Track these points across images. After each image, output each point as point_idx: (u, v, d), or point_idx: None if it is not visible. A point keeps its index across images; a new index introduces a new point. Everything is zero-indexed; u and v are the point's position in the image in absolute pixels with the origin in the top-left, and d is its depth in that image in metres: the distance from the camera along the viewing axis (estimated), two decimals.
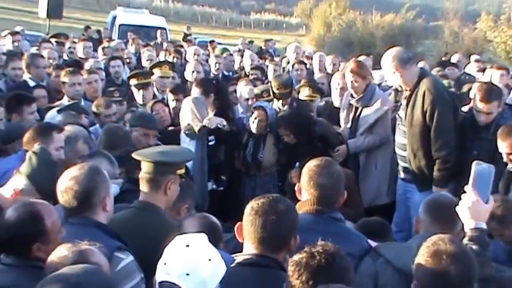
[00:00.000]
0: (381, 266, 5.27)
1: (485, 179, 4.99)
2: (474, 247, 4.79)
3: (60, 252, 4.41)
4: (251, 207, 4.82)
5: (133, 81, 11.75)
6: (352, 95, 10.10)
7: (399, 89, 9.35)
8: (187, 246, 4.09)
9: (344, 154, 9.81)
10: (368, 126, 9.93)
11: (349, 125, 10.19)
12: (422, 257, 4.29)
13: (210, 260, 4.07)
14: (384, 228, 6.98)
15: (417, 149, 8.90)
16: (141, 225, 5.67)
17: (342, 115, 10.42)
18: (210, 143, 10.03)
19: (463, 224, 5.29)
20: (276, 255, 4.76)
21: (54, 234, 4.84)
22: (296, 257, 4.20)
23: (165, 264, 4.05)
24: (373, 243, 5.88)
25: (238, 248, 4.98)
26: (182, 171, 6.25)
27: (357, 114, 10.10)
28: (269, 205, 4.77)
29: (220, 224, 5.90)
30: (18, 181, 6.04)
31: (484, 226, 4.90)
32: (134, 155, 6.22)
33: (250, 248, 4.80)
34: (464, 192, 5.03)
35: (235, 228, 4.96)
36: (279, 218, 4.72)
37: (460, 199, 5.08)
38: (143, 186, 6.03)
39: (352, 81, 9.91)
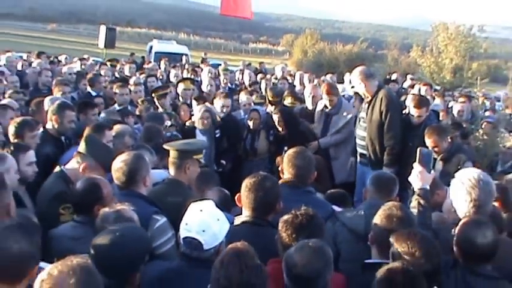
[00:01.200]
0: (338, 228, 5.33)
1: (427, 157, 5.37)
2: (421, 201, 5.03)
3: (104, 212, 4.55)
4: (245, 184, 5.03)
5: (154, 94, 11.71)
6: (326, 106, 10.33)
7: (363, 96, 9.42)
8: (201, 210, 4.18)
9: (315, 148, 9.92)
10: (337, 128, 10.23)
11: (321, 127, 10.42)
12: (379, 217, 4.47)
13: (218, 219, 4.18)
14: (345, 197, 7.02)
15: (374, 139, 9.20)
16: (170, 195, 5.71)
17: (316, 119, 10.56)
18: (216, 136, 10.11)
19: (397, 194, 5.47)
20: (266, 217, 4.96)
21: (109, 200, 5.03)
22: (285, 217, 4.42)
23: (186, 224, 4.14)
24: (337, 209, 5.99)
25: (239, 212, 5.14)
26: (199, 156, 6.29)
27: (328, 119, 10.39)
28: (258, 183, 4.96)
29: None
30: (81, 159, 6.07)
31: (427, 187, 5.16)
32: (164, 146, 6.35)
33: (246, 213, 5.01)
34: (406, 171, 5.40)
35: (236, 197, 5.15)
36: (266, 192, 4.93)
37: (400, 177, 5.38)
38: (171, 168, 6.14)
39: (328, 100, 10.25)
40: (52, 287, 2.94)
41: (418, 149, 5.45)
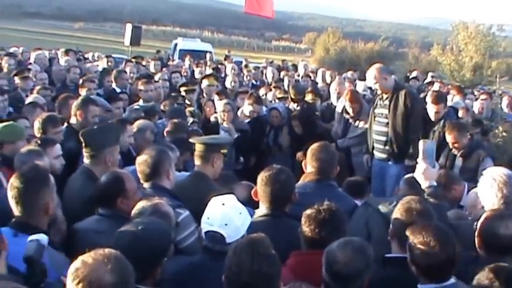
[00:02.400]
0: (370, 213, 5.30)
1: (430, 151, 5.33)
2: (432, 200, 4.99)
3: (140, 205, 4.53)
4: (261, 178, 5.06)
5: (183, 88, 11.88)
6: (347, 112, 10.33)
7: (379, 92, 9.36)
8: (223, 204, 4.19)
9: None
10: (356, 134, 10.22)
11: (341, 128, 10.48)
12: (398, 211, 4.41)
13: (240, 213, 4.20)
14: (364, 186, 7.09)
15: (399, 134, 9.13)
16: (195, 189, 5.71)
17: (336, 120, 10.64)
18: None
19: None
20: (283, 209, 5.01)
21: (132, 193, 5.03)
22: (308, 212, 4.38)
23: (208, 218, 4.15)
24: (358, 202, 5.99)
25: None
26: (224, 151, 6.34)
27: (348, 124, 10.42)
28: (274, 176, 4.99)
29: None
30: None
31: (435, 184, 5.17)
32: (191, 140, 6.43)
33: (263, 207, 5.05)
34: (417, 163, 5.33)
35: (252, 192, 5.20)
36: (281, 185, 4.96)
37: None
38: (197, 161, 6.17)
39: (350, 108, 10.24)
40: (88, 275, 2.93)
41: (421, 142, 5.44)
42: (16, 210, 4.28)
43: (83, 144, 6.12)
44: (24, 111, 8.66)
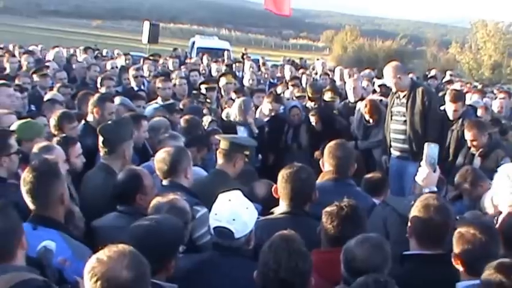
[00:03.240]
0: (388, 212, 5.30)
1: (433, 155, 5.21)
2: None
3: (156, 201, 4.57)
4: (282, 175, 5.07)
5: (203, 86, 11.92)
6: (367, 121, 10.25)
7: (394, 90, 9.31)
8: (230, 200, 4.22)
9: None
10: (377, 140, 10.06)
11: (361, 134, 10.39)
12: (416, 208, 4.38)
13: (247, 208, 4.23)
14: (382, 183, 7.03)
15: (417, 131, 9.03)
16: (215, 187, 5.73)
17: (355, 126, 10.53)
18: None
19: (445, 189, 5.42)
20: (303, 207, 5.02)
21: (149, 189, 5.10)
22: (328, 209, 4.40)
23: (215, 214, 4.17)
24: (376, 201, 6.04)
25: None
26: (247, 153, 6.37)
27: (368, 131, 10.35)
28: (295, 174, 5.00)
29: None
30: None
31: (435, 189, 5.10)
32: (217, 136, 6.61)
33: (284, 204, 5.03)
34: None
35: (273, 189, 5.20)
36: (302, 183, 4.97)
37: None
38: (220, 159, 6.24)
39: (370, 118, 10.16)
40: (105, 272, 2.95)
41: (426, 145, 5.36)
42: (31, 205, 4.31)
43: (100, 140, 6.16)
44: (44, 108, 8.72)
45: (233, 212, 4.11)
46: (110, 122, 6.57)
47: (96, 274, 2.96)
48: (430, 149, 5.28)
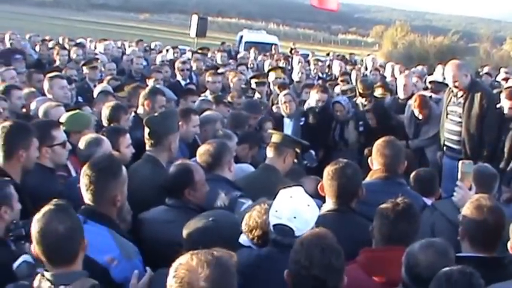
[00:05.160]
0: (437, 218, 5.24)
1: (469, 174, 5.21)
2: None
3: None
4: (327, 172, 5.03)
5: (253, 80, 11.94)
6: (417, 117, 10.09)
7: (454, 89, 9.14)
8: (291, 197, 4.15)
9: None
10: (428, 137, 10.01)
11: (411, 132, 10.24)
12: (468, 209, 4.29)
13: (308, 205, 4.15)
14: (433, 182, 6.93)
15: (473, 134, 8.95)
16: (264, 180, 5.72)
17: (406, 124, 10.36)
18: (300, 123, 10.17)
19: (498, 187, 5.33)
20: (349, 204, 4.99)
21: (200, 185, 5.08)
22: (383, 206, 4.35)
23: (276, 211, 4.10)
24: (427, 201, 5.99)
25: None
26: (298, 150, 6.38)
27: (418, 128, 10.20)
28: (340, 170, 4.96)
29: None
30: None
31: None
32: (269, 131, 6.67)
33: (330, 201, 5.01)
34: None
35: (319, 186, 5.15)
36: (348, 180, 4.94)
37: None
38: (270, 152, 6.22)
39: (419, 114, 9.97)
40: (185, 273, 2.96)
41: (460, 163, 5.32)
42: (86, 198, 4.33)
43: (146, 132, 6.21)
44: (96, 100, 8.82)
45: (294, 210, 4.06)
46: (156, 114, 6.60)
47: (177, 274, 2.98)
48: (465, 167, 5.25)
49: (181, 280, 2.94)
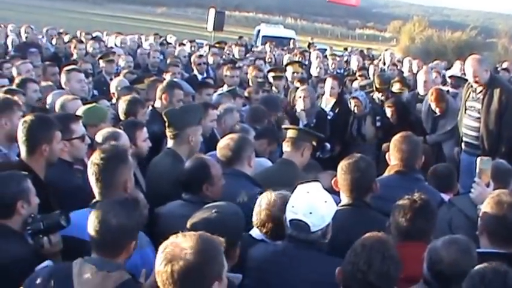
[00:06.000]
0: (454, 214, 5.22)
1: (486, 170, 5.17)
2: None
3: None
4: (341, 167, 5.04)
5: (271, 74, 11.90)
6: (433, 111, 10.10)
7: (474, 85, 9.05)
8: (308, 192, 4.13)
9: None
10: (444, 131, 10.03)
11: (429, 127, 10.25)
12: (488, 205, 4.26)
13: (325, 201, 4.13)
14: (451, 177, 6.92)
15: (492, 130, 8.88)
16: (281, 175, 5.72)
17: (423, 119, 10.37)
18: (311, 124, 9.99)
19: None
20: (363, 198, 4.98)
21: (217, 180, 5.08)
22: (400, 202, 4.37)
23: (292, 206, 4.09)
24: (445, 197, 5.99)
25: None
26: (314, 143, 6.38)
27: (435, 122, 10.22)
28: (354, 164, 4.96)
29: None
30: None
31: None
32: (284, 126, 6.58)
33: (345, 196, 5.02)
34: None
35: (333, 182, 5.12)
36: (362, 173, 4.92)
37: None
38: (286, 148, 6.23)
39: (436, 108, 9.99)
40: (172, 248, 3.06)
41: (479, 159, 5.30)
42: (95, 187, 4.38)
43: (166, 124, 6.23)
44: (119, 94, 8.83)
45: (310, 205, 4.05)
46: (176, 107, 6.62)
47: (163, 251, 3.07)
48: (483, 163, 5.22)
49: (167, 254, 3.04)
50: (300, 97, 10.06)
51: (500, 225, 4.15)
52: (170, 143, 6.25)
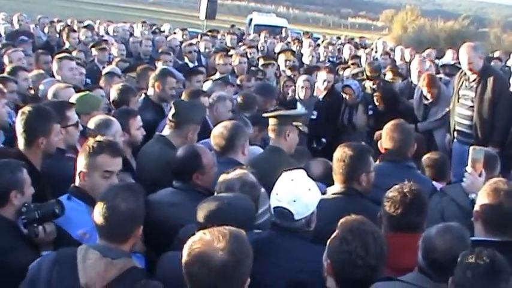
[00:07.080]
0: (446, 203, 5.21)
1: (479, 160, 5.12)
2: None
3: (227, 178, 4.52)
4: (335, 156, 5.04)
5: (261, 61, 12.04)
6: (425, 97, 10.05)
7: (468, 72, 9.05)
8: (292, 180, 4.10)
9: None
10: (436, 118, 9.97)
11: (420, 114, 10.18)
12: (484, 192, 4.23)
13: (309, 189, 4.09)
14: (444, 166, 6.87)
15: (485, 119, 8.88)
16: (270, 163, 5.69)
17: (415, 107, 10.33)
18: (312, 116, 10.09)
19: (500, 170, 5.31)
20: (355, 187, 4.96)
21: (208, 168, 5.06)
22: (390, 194, 4.31)
23: (276, 194, 4.08)
24: (437, 185, 6.01)
25: None
26: (298, 123, 6.29)
27: (427, 110, 10.15)
28: (345, 153, 4.95)
29: None
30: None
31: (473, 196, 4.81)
32: (264, 114, 6.46)
33: (337, 185, 5.03)
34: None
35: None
36: (353, 162, 4.92)
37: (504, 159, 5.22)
38: (271, 135, 6.19)
39: (428, 93, 9.94)
40: (201, 247, 2.96)
41: (471, 149, 5.28)
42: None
43: (171, 113, 6.21)
44: (103, 81, 8.81)
45: (294, 193, 4.02)
46: (187, 100, 6.59)
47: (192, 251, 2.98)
48: (476, 153, 5.18)
49: (198, 255, 2.94)
50: (302, 87, 10.13)
51: (495, 213, 4.11)
52: (167, 131, 6.23)
